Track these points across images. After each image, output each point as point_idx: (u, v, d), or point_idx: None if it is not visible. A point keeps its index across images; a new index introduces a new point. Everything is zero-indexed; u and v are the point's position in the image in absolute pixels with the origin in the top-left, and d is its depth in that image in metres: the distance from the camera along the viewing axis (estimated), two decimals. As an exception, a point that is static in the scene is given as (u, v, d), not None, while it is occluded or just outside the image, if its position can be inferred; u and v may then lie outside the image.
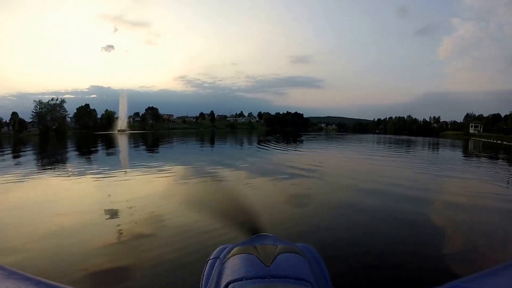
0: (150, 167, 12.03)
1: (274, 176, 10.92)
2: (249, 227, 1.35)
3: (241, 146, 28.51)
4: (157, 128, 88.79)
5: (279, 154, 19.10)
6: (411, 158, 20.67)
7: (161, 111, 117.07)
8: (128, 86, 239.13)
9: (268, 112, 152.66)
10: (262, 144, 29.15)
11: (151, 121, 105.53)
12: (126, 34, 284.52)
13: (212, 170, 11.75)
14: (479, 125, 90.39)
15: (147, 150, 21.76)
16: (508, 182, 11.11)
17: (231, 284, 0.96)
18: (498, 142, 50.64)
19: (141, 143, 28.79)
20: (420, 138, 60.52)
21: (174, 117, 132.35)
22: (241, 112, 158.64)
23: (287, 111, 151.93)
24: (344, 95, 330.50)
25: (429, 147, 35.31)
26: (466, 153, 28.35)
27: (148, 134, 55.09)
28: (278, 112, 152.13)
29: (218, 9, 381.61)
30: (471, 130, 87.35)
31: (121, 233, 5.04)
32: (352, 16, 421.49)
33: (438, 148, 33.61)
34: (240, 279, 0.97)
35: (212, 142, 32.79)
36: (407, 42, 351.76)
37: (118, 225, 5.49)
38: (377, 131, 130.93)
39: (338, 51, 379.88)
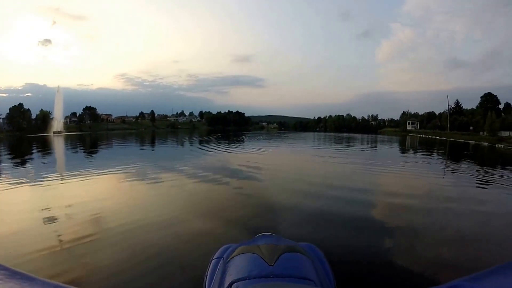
0: (88, 172, 11.39)
1: (216, 177, 10.61)
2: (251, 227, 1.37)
3: (182, 146, 28.22)
4: (95, 129, 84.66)
5: (220, 155, 19.28)
6: (351, 154, 21.44)
7: (99, 111, 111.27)
8: (65, 84, 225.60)
9: (209, 112, 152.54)
10: (204, 144, 29.09)
11: (89, 122, 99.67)
12: (65, 28, 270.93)
13: (152, 173, 11.39)
14: (415, 122, 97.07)
15: (84, 154, 20.69)
16: (445, 173, 13.05)
17: (235, 283, 1.02)
18: (435, 137, 55.63)
19: (77, 146, 26.96)
20: (359, 135, 63.36)
21: (113, 117, 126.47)
22: (182, 111, 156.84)
23: (229, 110, 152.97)
24: (285, 94, 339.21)
25: (368, 143, 36.84)
26: (406, 148, 30.39)
27: (85, 136, 52.03)
28: (220, 111, 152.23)
29: (160, 4, 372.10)
30: (408, 127, 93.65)
31: (60, 240, 4.80)
32: (296, 17, 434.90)
33: (378, 144, 35.22)
34: (244, 279, 1.03)
35: (152, 143, 32.13)
36: (348, 44, 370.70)
37: (56, 231, 5.21)
38: (317, 129, 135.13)
39: (280, 51, 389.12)
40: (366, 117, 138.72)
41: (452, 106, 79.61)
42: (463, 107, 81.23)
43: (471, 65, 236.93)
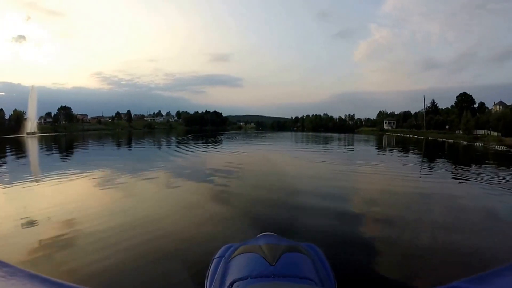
0: (63, 175, 11.12)
1: (199, 178, 10.69)
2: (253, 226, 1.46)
3: (158, 148, 27.50)
4: (71, 130, 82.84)
5: (195, 158, 18.65)
6: (328, 154, 21.53)
7: (75, 111, 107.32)
8: (40, 83, 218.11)
9: (186, 111, 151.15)
10: (179, 145, 28.65)
11: (64, 122, 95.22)
12: (40, 24, 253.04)
13: (131, 176, 11.10)
14: (392, 121, 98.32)
15: (59, 156, 20.13)
16: (421, 172, 13.74)
17: (236, 283, 1.07)
18: (412, 136, 56.95)
19: (52, 148, 26.60)
20: (336, 135, 64.00)
21: (89, 117, 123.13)
22: (159, 111, 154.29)
23: (206, 110, 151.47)
24: (262, 94, 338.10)
25: (346, 143, 37.01)
26: (384, 147, 30.45)
27: (60, 137, 50.11)
28: (197, 111, 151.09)
29: (137, 2, 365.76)
30: (385, 126, 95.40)
31: (40, 243, 4.76)
32: (273, 17, 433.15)
33: (356, 144, 35.37)
34: (245, 278, 1.08)
35: (129, 144, 31.58)
36: (325, 44, 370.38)
37: (36, 234, 5.20)
38: (294, 128, 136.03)
39: (258, 50, 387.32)
40: (343, 117, 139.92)
41: (428, 105, 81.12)
42: (438, 107, 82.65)
43: (445, 66, 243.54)
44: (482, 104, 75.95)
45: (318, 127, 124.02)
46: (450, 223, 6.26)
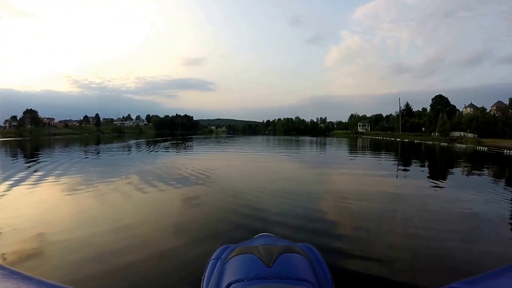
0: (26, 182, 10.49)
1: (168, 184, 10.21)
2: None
3: (126, 152, 25.72)
4: (37, 134, 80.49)
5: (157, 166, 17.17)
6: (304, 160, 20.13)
7: (44, 114, 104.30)
8: (7, 85, 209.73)
9: (157, 115, 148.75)
10: (144, 150, 27.54)
11: (30, 126, 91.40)
12: (10, 24, 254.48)
13: (99, 182, 10.56)
14: (366, 124, 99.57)
15: (23, 162, 18.48)
16: (397, 176, 13.24)
17: (233, 284, 1.05)
18: (388, 139, 56.03)
19: (14, 155, 24.72)
20: (308, 138, 63.19)
21: (56, 121, 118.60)
22: (129, 115, 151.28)
23: (177, 114, 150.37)
24: (234, 98, 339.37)
25: (319, 146, 35.69)
26: (359, 149, 28.08)
27: (25, 142, 47.55)
28: (167, 115, 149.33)
29: (108, 4, 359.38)
30: (360, 129, 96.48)
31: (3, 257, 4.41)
32: (248, 21, 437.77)
33: (330, 147, 33.89)
34: (242, 280, 1.06)
35: (97, 150, 29.06)
36: (298, 49, 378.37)
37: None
38: (266, 132, 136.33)
39: (231, 54, 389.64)
40: (315, 120, 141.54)
41: (402, 108, 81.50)
42: (413, 109, 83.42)
43: (414, 70, 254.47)
44: (453, 107, 77.62)
45: (290, 130, 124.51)
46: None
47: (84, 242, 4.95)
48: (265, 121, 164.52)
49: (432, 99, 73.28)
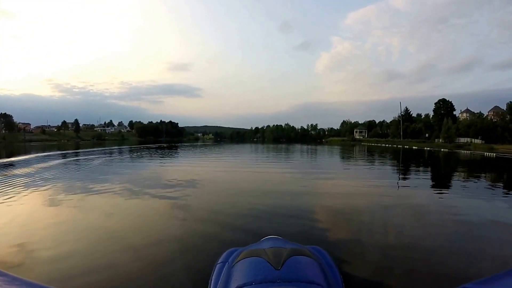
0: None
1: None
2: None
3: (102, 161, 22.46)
4: (11, 140, 76.03)
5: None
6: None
7: (22, 119, 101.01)
8: None
9: (140, 121, 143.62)
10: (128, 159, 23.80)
11: (4, 132, 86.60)
12: None
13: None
14: (363, 130, 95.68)
15: None
16: (398, 186, 11.15)
17: None
18: (390, 146, 51.14)
19: None
20: (299, 145, 56.69)
21: (32, 126, 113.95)
22: (111, 121, 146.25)
23: (161, 120, 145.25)
24: (222, 105, 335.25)
25: (317, 158, 31.31)
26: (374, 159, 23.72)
27: None
28: (151, 121, 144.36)
29: (94, 6, 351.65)
30: (357, 136, 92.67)
31: None
32: (236, 26, 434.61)
33: (331, 158, 29.77)
34: (249, 284, 1.02)
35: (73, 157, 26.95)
36: (287, 55, 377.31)
37: None
38: (255, 139, 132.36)
39: (219, 60, 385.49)
40: (305, 127, 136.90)
41: (402, 113, 76.07)
42: (412, 115, 79.03)
43: (406, 77, 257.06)
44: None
45: (280, 137, 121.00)
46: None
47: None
48: (253, 128, 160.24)
49: (435, 103, 69.33)
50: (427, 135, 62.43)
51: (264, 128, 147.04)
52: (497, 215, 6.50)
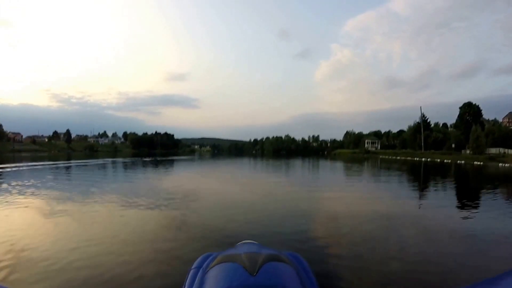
0: None
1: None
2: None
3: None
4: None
5: None
6: None
7: (16, 129, 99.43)
8: None
9: (135, 133, 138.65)
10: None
11: None
12: None
13: None
14: (375, 141, 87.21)
15: None
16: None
17: None
18: (410, 159, 44.43)
19: None
20: (307, 161, 42.26)
21: (24, 136, 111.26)
22: (105, 131, 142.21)
23: (156, 131, 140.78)
24: (220, 116, 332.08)
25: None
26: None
27: None
28: (146, 133, 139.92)
29: (93, 16, 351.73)
30: (369, 147, 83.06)
31: None
32: (234, 35, 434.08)
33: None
34: None
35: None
36: (286, 64, 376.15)
37: None
38: (253, 151, 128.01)
39: (216, 70, 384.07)
40: (307, 138, 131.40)
41: (418, 121, 67.76)
42: (431, 122, 70.91)
43: (407, 84, 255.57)
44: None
45: (280, 150, 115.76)
46: None
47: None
48: (252, 140, 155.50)
49: (460, 108, 60.98)
50: (453, 145, 54.30)
51: (263, 140, 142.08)
52: None
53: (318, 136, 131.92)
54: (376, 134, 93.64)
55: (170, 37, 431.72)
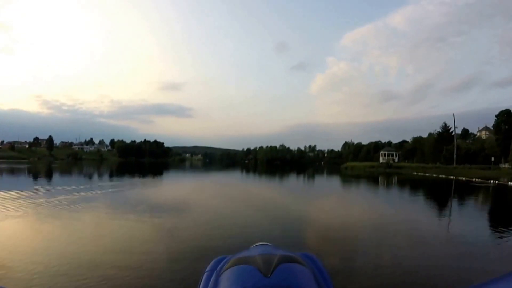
0: None
1: None
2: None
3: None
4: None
5: None
6: None
7: (5, 135, 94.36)
8: None
9: (122, 140, 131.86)
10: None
11: None
12: None
13: None
14: (393, 152, 73.93)
15: None
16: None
17: None
18: (450, 177, 32.71)
19: None
20: (314, 181, 32.26)
21: (5, 142, 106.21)
22: (91, 139, 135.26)
23: (145, 139, 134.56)
24: (213, 125, 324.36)
25: None
26: None
27: None
28: (135, 140, 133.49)
29: (88, 23, 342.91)
30: (385, 160, 67.97)
31: None
32: (230, 46, 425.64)
33: None
34: None
35: None
36: (282, 75, 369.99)
37: None
38: (246, 161, 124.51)
39: (211, 80, 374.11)
40: (303, 148, 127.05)
41: (440, 130, 60.59)
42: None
43: (403, 97, 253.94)
44: (466, 131, 68.48)
45: (274, 159, 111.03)
46: None
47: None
48: (245, 149, 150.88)
49: (497, 116, 51.86)
50: (493, 158, 45.99)
51: (257, 149, 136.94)
52: None
53: (315, 146, 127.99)
54: (377, 145, 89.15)
55: (168, 48, 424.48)
